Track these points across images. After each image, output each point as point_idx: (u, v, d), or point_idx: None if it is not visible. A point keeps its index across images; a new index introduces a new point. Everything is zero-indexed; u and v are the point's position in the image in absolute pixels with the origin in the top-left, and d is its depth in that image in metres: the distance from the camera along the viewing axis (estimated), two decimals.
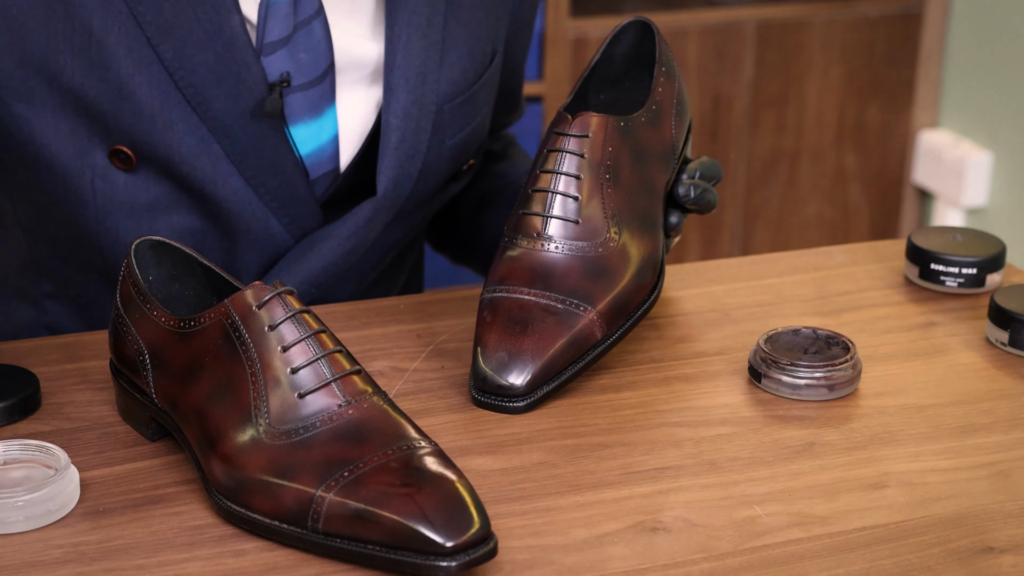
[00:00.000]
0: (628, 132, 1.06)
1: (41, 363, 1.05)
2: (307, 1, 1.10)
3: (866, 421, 1.00)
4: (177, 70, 1.07)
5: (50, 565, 0.83)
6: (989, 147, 2.46)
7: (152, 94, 1.07)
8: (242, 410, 0.86)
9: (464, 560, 0.80)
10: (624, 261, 1.04)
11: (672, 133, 1.10)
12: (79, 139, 1.08)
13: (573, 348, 1.01)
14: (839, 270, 1.23)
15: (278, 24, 1.09)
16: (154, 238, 0.96)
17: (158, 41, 1.06)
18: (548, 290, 1.02)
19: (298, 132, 1.13)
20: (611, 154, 1.05)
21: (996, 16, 2.40)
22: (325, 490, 0.82)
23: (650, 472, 0.93)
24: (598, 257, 1.03)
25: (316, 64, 1.11)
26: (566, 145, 1.04)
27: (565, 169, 1.04)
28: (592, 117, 1.05)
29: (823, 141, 2.52)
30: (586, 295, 1.02)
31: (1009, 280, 1.21)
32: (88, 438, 0.96)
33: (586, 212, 1.03)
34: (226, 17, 1.07)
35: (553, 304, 1.01)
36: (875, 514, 0.89)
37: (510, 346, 0.99)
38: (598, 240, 1.03)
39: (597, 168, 1.04)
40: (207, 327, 0.89)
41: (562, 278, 1.02)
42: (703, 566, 0.84)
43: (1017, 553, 0.86)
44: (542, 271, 1.02)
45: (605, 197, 1.04)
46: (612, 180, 1.05)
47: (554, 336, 1.00)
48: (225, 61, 1.07)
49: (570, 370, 1.01)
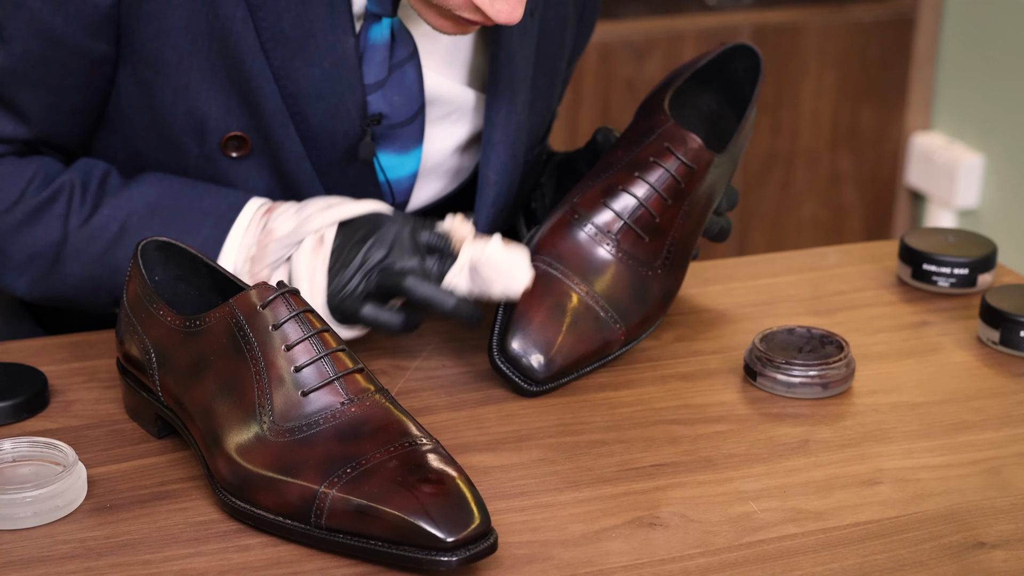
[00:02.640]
0: (713, 170, 1.08)
1: (49, 362, 1.05)
2: (403, 44, 1.11)
3: (860, 419, 1.01)
4: (282, 78, 1.07)
5: (58, 560, 0.84)
6: (981, 150, 2.47)
7: (264, 96, 1.08)
8: (247, 408, 0.87)
9: (465, 555, 0.81)
10: (662, 290, 1.07)
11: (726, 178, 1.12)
12: (194, 119, 1.09)
13: (597, 355, 1.04)
14: (833, 270, 1.24)
15: (375, 67, 1.10)
16: (160, 239, 0.97)
17: (270, 48, 1.06)
18: (596, 291, 1.04)
19: (384, 161, 1.14)
20: (698, 189, 1.07)
21: (988, 21, 2.41)
22: (328, 486, 0.83)
23: (647, 469, 0.94)
24: (646, 279, 1.06)
25: (408, 106, 1.12)
26: (672, 167, 1.05)
27: (662, 189, 1.05)
28: (703, 152, 1.06)
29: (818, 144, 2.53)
30: (625, 313, 1.05)
31: (1000, 280, 1.21)
32: (95, 435, 0.97)
33: (656, 235, 1.06)
34: (341, 38, 1.08)
35: (597, 310, 1.04)
36: (868, 510, 0.90)
37: (550, 335, 1.02)
38: (653, 264, 1.06)
39: (683, 200, 1.06)
40: (212, 326, 0.89)
41: (611, 286, 1.05)
42: (699, 561, 0.85)
43: (1008, 548, 0.86)
44: (596, 268, 1.05)
45: (675, 228, 1.07)
46: (686, 215, 1.07)
47: (588, 342, 1.03)
48: (331, 80, 1.08)
49: (584, 369, 1.04)
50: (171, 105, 1.08)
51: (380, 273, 1.02)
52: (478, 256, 1.01)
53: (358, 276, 1.02)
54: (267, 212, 1.07)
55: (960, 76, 2.49)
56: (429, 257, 1.03)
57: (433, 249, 1.03)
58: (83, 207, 1.08)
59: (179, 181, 1.10)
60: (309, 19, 1.07)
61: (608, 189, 1.06)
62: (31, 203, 1.08)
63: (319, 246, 1.03)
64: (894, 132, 2.56)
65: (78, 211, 1.08)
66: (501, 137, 1.16)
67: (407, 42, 1.11)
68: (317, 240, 1.03)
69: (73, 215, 1.08)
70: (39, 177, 1.08)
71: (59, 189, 1.08)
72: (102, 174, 1.10)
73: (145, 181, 1.10)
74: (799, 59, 2.45)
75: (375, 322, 1.02)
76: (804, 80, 2.47)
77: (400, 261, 1.02)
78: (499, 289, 1.01)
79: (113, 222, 1.08)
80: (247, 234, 1.06)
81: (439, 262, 1.03)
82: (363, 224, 1.04)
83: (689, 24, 2.39)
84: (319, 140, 1.10)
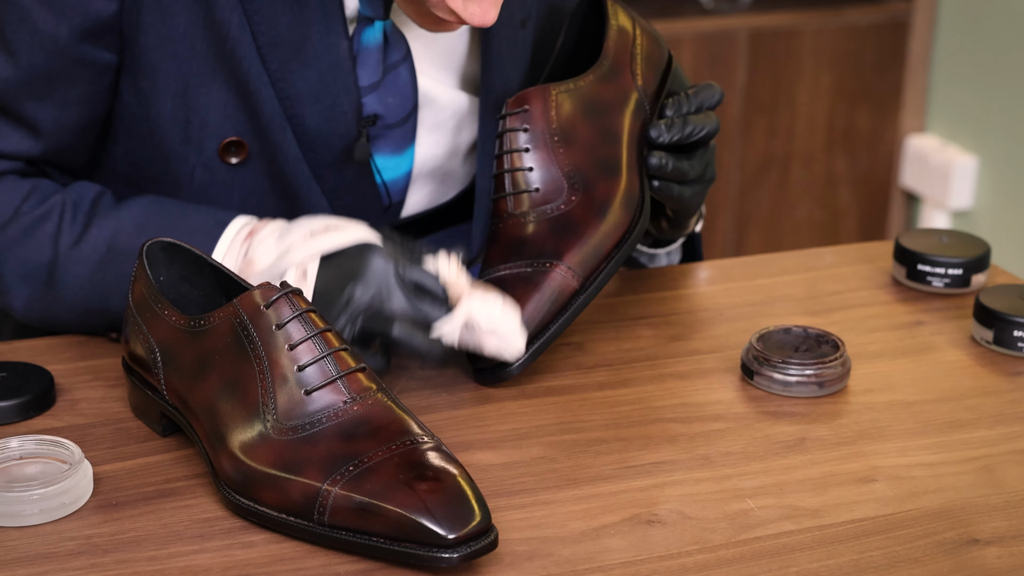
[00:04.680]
0: (575, 94, 1.08)
1: (55, 360, 1.05)
2: (396, 47, 1.11)
3: (855, 417, 1.01)
4: (279, 81, 1.08)
5: (64, 557, 0.84)
6: (974, 151, 2.48)
7: (261, 99, 1.08)
8: (250, 406, 0.87)
9: (465, 552, 0.81)
10: (589, 209, 1.05)
11: (635, 83, 1.10)
12: (192, 126, 1.09)
13: (550, 302, 1.03)
14: (829, 271, 1.24)
15: (369, 70, 1.11)
16: (165, 240, 0.98)
17: (267, 51, 1.07)
18: (520, 259, 1.04)
19: (380, 162, 1.15)
20: (557, 118, 1.07)
21: (981, 25, 2.43)
22: (331, 484, 0.84)
23: (646, 466, 0.94)
24: (562, 215, 1.05)
25: (402, 107, 1.13)
26: (507, 124, 1.07)
27: (511, 147, 1.07)
28: (527, 92, 1.08)
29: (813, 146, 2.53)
30: (552, 251, 1.04)
31: (993, 280, 1.21)
32: (101, 433, 0.97)
33: (543, 178, 1.06)
34: (336, 41, 1.08)
35: (523, 270, 1.04)
36: (864, 507, 0.90)
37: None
38: (560, 200, 1.06)
39: (543, 135, 1.07)
40: (216, 326, 0.90)
41: (531, 244, 1.05)
42: (697, 558, 0.85)
43: (1001, 545, 0.87)
44: (515, 244, 1.05)
45: (558, 158, 1.06)
46: (563, 141, 1.07)
47: (527, 296, 1.02)
48: (327, 81, 1.09)
49: (555, 324, 1.03)
50: (169, 113, 1.09)
51: (366, 317, 0.98)
52: (479, 320, 0.99)
53: (343, 318, 0.98)
54: (249, 236, 1.04)
55: (954, 79, 2.50)
56: (418, 298, 0.99)
57: (422, 289, 0.99)
58: (74, 227, 1.07)
59: (170, 202, 1.10)
60: (305, 22, 1.07)
61: (494, 188, 1.08)
62: (24, 221, 1.07)
63: (301, 281, 0.99)
64: (889, 134, 2.57)
65: (68, 231, 1.07)
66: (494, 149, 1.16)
67: (400, 44, 1.12)
68: (300, 275, 0.99)
69: (64, 235, 1.07)
70: (35, 196, 1.08)
71: (51, 208, 1.08)
72: (95, 195, 1.10)
73: (136, 202, 1.09)
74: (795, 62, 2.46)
75: None
76: (800, 83, 2.48)
77: (387, 304, 0.98)
78: (492, 348, 1.00)
79: (101, 242, 1.07)
80: (227, 257, 1.04)
81: (429, 306, 0.99)
82: (348, 259, 0.99)
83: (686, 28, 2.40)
84: (316, 142, 1.11)
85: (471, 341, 1.00)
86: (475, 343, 1.00)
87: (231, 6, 1.06)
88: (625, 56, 1.12)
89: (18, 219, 1.07)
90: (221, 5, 1.06)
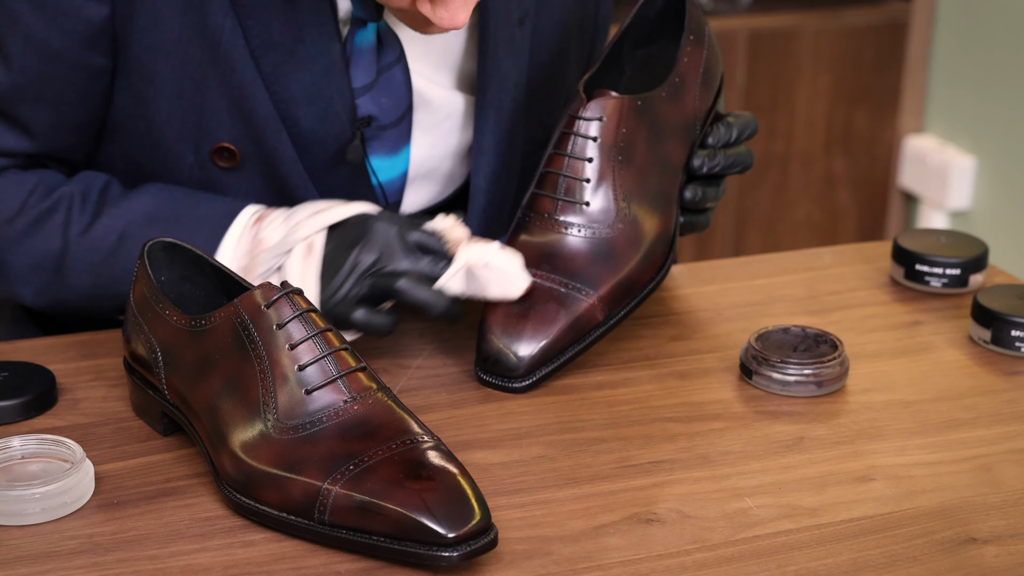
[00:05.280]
0: (645, 110, 1.05)
1: (57, 360, 1.06)
2: (390, 48, 1.11)
3: (853, 416, 1.02)
4: (272, 83, 1.08)
5: (66, 555, 0.85)
6: (973, 152, 2.48)
7: (256, 102, 1.09)
8: (251, 406, 0.88)
9: (465, 551, 0.82)
10: (632, 244, 1.04)
11: (694, 105, 1.07)
12: (188, 126, 1.10)
13: (572, 331, 1.02)
14: (827, 271, 1.25)
15: (363, 71, 1.11)
16: (166, 240, 0.98)
17: (260, 54, 1.07)
18: (554, 272, 1.02)
19: (375, 164, 1.15)
20: (625, 135, 1.04)
21: (979, 26, 2.43)
22: (331, 483, 0.84)
23: (645, 466, 0.95)
24: (605, 240, 1.03)
25: (396, 107, 1.13)
26: (579, 128, 1.03)
27: (576, 152, 1.03)
28: (608, 100, 1.04)
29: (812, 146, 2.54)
30: (589, 279, 1.02)
31: (991, 280, 1.22)
32: (103, 433, 0.98)
33: (596, 195, 1.03)
34: (328, 43, 1.09)
35: (556, 288, 1.02)
36: (862, 506, 0.91)
37: (512, 329, 1.01)
38: (607, 222, 1.03)
39: (609, 151, 1.03)
40: (217, 326, 0.90)
41: (568, 261, 1.03)
42: (696, 556, 0.86)
43: (999, 544, 0.87)
44: (549, 252, 1.03)
45: (616, 179, 1.03)
46: (625, 161, 1.03)
47: (554, 320, 1.01)
48: (320, 83, 1.09)
49: (570, 351, 1.03)
50: (165, 114, 1.09)
51: (372, 277, 1.01)
52: (476, 261, 1.01)
53: (350, 281, 1.01)
54: (258, 221, 1.07)
55: (952, 80, 2.50)
56: (421, 257, 1.02)
57: (424, 248, 1.03)
58: (83, 216, 1.09)
59: (179, 190, 1.11)
60: (298, 24, 1.08)
61: (538, 180, 1.05)
62: (32, 214, 1.08)
63: (309, 253, 1.02)
64: (887, 135, 2.57)
65: (78, 221, 1.09)
66: (491, 145, 1.16)
67: (394, 45, 1.12)
68: (307, 247, 1.03)
69: (73, 225, 1.09)
70: (40, 188, 1.09)
71: (59, 200, 1.09)
72: (103, 185, 1.11)
73: (145, 191, 1.10)
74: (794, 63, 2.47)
75: (367, 326, 1.02)
76: (799, 84, 2.48)
77: (392, 263, 1.01)
78: (496, 292, 1.02)
79: (112, 231, 1.08)
80: (239, 244, 1.06)
81: (432, 262, 1.02)
82: (352, 227, 1.03)
83: None
84: (311, 144, 1.11)
85: (476, 289, 1.01)
86: (480, 290, 1.01)
87: (224, 11, 1.06)
88: (694, 74, 1.08)
89: (25, 212, 1.09)
90: (214, 11, 1.06)
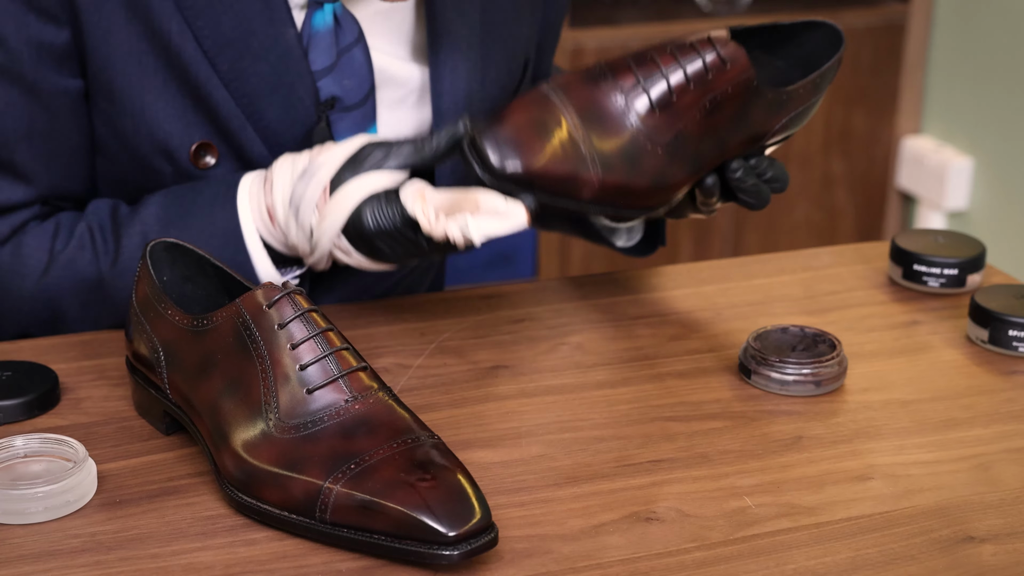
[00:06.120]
0: (751, 95, 1.04)
1: (60, 360, 1.06)
2: (348, 28, 1.12)
3: (852, 416, 1.02)
4: (232, 81, 1.09)
5: (68, 554, 0.85)
6: (970, 152, 2.48)
7: (217, 102, 1.09)
8: (253, 405, 0.88)
9: (466, 549, 0.82)
10: (654, 172, 1.02)
11: (774, 128, 1.07)
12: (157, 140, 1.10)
13: (562, 183, 0.99)
14: (826, 271, 1.25)
15: (322, 53, 1.11)
16: (168, 240, 0.98)
17: (215, 54, 1.07)
18: (587, 130, 1.00)
19: None
20: (726, 94, 1.03)
21: (977, 28, 2.43)
22: (332, 482, 0.84)
23: (644, 465, 0.95)
24: (643, 150, 1.01)
25: (359, 88, 1.13)
26: (707, 56, 1.02)
27: (689, 71, 1.02)
28: (742, 57, 1.03)
29: (810, 147, 2.54)
30: (608, 163, 1.00)
31: (989, 280, 1.22)
32: (105, 432, 0.98)
33: (666, 113, 1.02)
34: (281, 30, 1.09)
35: (579, 143, 1.00)
36: (860, 505, 0.91)
37: (516, 134, 0.98)
38: (656, 139, 1.01)
39: (706, 94, 1.02)
40: (219, 325, 0.90)
41: (604, 133, 1.00)
42: (695, 555, 0.86)
43: (996, 542, 0.87)
44: (597, 114, 1.01)
45: (689, 119, 1.02)
46: (707, 112, 1.02)
47: (556, 161, 0.99)
48: (279, 72, 1.09)
49: (546, 196, 0.99)
50: (133, 130, 1.10)
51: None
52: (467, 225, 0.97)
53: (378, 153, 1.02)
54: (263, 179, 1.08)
55: (950, 81, 2.51)
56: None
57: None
58: (107, 247, 1.10)
59: (179, 188, 1.11)
60: (247, 17, 1.07)
61: (639, 56, 1.03)
62: (62, 259, 1.10)
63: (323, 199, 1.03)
64: (885, 136, 2.57)
65: (104, 253, 1.10)
66: (449, 105, 1.15)
67: (352, 26, 1.12)
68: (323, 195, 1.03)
69: (101, 258, 1.10)
70: (62, 232, 1.11)
71: (81, 237, 1.10)
72: (111, 210, 1.12)
73: (150, 201, 1.11)
74: None
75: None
76: None
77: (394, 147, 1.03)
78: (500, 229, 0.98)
79: (136, 249, 1.09)
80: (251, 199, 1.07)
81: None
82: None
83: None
84: (279, 134, 1.11)
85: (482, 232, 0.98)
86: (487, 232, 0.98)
87: (169, 14, 1.06)
88: (794, 107, 1.07)
89: (56, 260, 1.10)
90: (158, 15, 1.06)
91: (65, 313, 1.12)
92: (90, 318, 1.12)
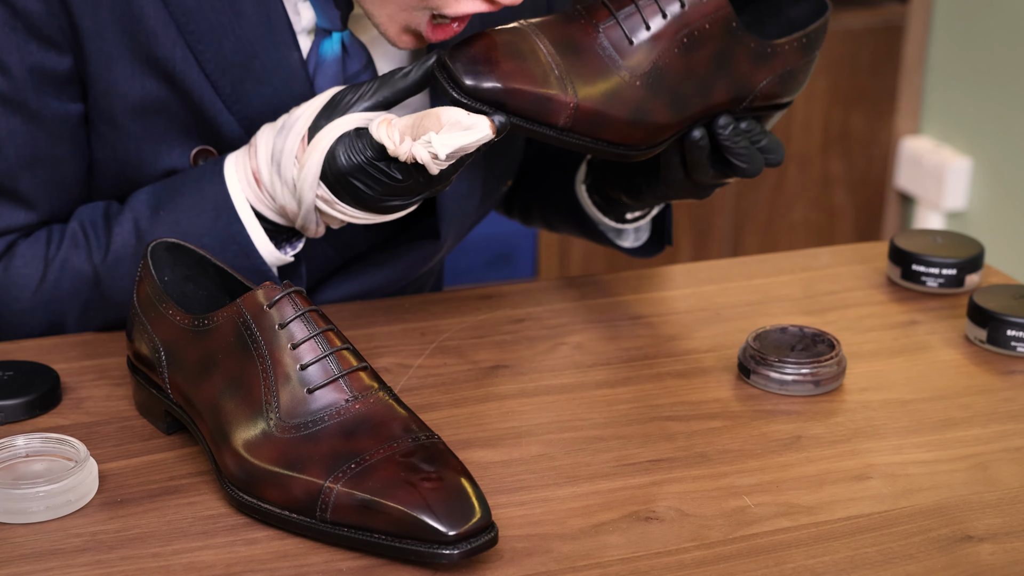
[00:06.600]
0: (733, 37, 1.02)
1: (61, 359, 1.06)
2: (356, 56, 1.11)
3: (851, 415, 1.02)
4: (235, 104, 1.09)
5: (70, 553, 0.85)
6: (968, 153, 2.49)
7: (219, 125, 1.09)
8: (253, 405, 0.88)
9: (466, 548, 0.82)
10: (633, 104, 1.00)
11: (762, 84, 1.04)
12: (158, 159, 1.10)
13: (536, 104, 0.97)
14: (825, 271, 1.25)
15: (329, 80, 1.11)
16: (169, 240, 0.99)
17: (217, 78, 1.08)
18: (561, 59, 0.99)
19: None
20: (704, 31, 1.01)
21: (975, 28, 2.44)
22: (333, 481, 0.84)
23: (644, 464, 0.95)
24: (621, 82, 1.00)
25: None
26: None
27: (663, 2, 1.01)
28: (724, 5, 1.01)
29: (809, 148, 2.54)
30: (584, 91, 0.98)
31: (987, 280, 1.22)
32: (106, 431, 0.98)
33: (642, 46, 1.00)
34: (285, 54, 1.09)
35: (553, 67, 0.98)
36: (859, 504, 0.91)
37: (488, 53, 0.97)
38: (632, 71, 0.99)
39: (682, 27, 1.00)
40: (220, 325, 0.91)
41: (580, 62, 0.99)
42: (694, 554, 0.86)
43: (995, 541, 0.88)
44: (573, 46, 0.99)
45: (664, 51, 1.00)
46: (685, 48, 1.01)
47: (529, 80, 0.97)
48: (282, 96, 1.09)
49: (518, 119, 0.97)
50: (135, 151, 1.10)
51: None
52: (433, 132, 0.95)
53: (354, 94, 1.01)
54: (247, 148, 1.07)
55: (948, 81, 2.51)
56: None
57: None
58: (99, 240, 1.10)
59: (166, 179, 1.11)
60: (249, 41, 1.08)
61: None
62: (57, 263, 1.10)
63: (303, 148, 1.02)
64: (884, 136, 2.58)
65: (97, 247, 1.10)
66: None
67: (359, 53, 1.12)
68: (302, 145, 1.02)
69: (95, 252, 1.10)
70: (54, 238, 1.11)
71: (74, 236, 1.10)
72: (103, 208, 1.12)
73: (138, 192, 1.11)
74: None
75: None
76: None
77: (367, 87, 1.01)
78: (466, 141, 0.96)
79: (128, 236, 1.09)
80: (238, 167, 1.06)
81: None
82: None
83: None
84: None
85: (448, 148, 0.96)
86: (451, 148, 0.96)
87: (172, 41, 1.06)
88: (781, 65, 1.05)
89: (51, 265, 1.10)
90: (161, 43, 1.06)
91: (67, 316, 1.12)
92: (93, 320, 1.12)
